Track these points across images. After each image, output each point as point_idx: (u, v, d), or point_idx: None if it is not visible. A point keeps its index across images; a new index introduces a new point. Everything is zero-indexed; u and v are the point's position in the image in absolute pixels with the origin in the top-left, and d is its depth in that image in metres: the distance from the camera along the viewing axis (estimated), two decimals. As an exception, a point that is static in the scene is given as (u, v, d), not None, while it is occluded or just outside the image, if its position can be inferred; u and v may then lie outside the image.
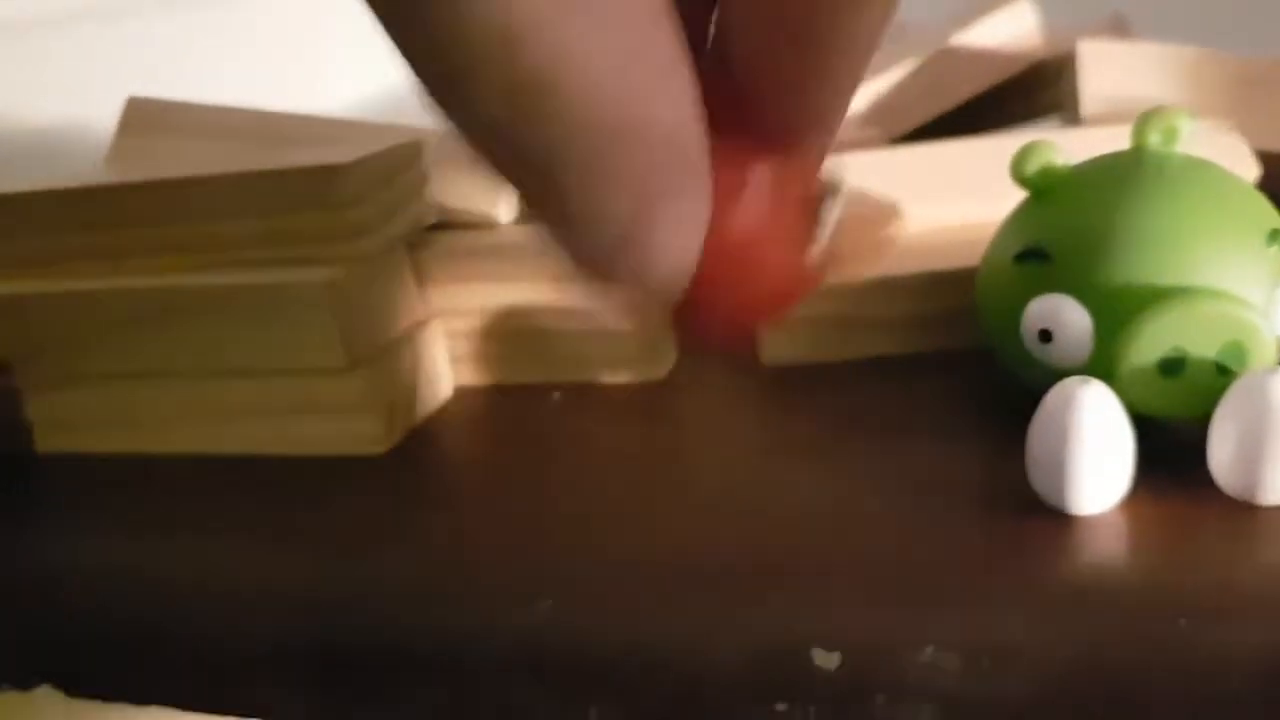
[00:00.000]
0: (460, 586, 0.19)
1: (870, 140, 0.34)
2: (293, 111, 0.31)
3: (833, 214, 0.17)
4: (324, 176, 0.24)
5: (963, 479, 0.20)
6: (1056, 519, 0.18)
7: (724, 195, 0.15)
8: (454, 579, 0.19)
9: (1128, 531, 0.18)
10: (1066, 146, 0.22)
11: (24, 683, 0.21)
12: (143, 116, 0.32)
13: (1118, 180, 0.20)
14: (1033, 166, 0.21)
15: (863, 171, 0.30)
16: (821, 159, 0.17)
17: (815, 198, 0.17)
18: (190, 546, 0.22)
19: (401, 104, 0.18)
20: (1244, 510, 0.18)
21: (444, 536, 0.21)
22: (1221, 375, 0.19)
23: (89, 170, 0.30)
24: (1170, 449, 0.19)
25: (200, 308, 0.24)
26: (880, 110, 0.38)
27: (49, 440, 0.26)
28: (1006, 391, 0.22)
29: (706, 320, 0.17)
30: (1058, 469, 0.18)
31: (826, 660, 0.17)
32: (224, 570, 0.21)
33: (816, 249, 0.17)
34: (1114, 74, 0.34)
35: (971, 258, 0.26)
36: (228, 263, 0.25)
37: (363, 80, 0.52)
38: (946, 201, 0.29)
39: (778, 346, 0.27)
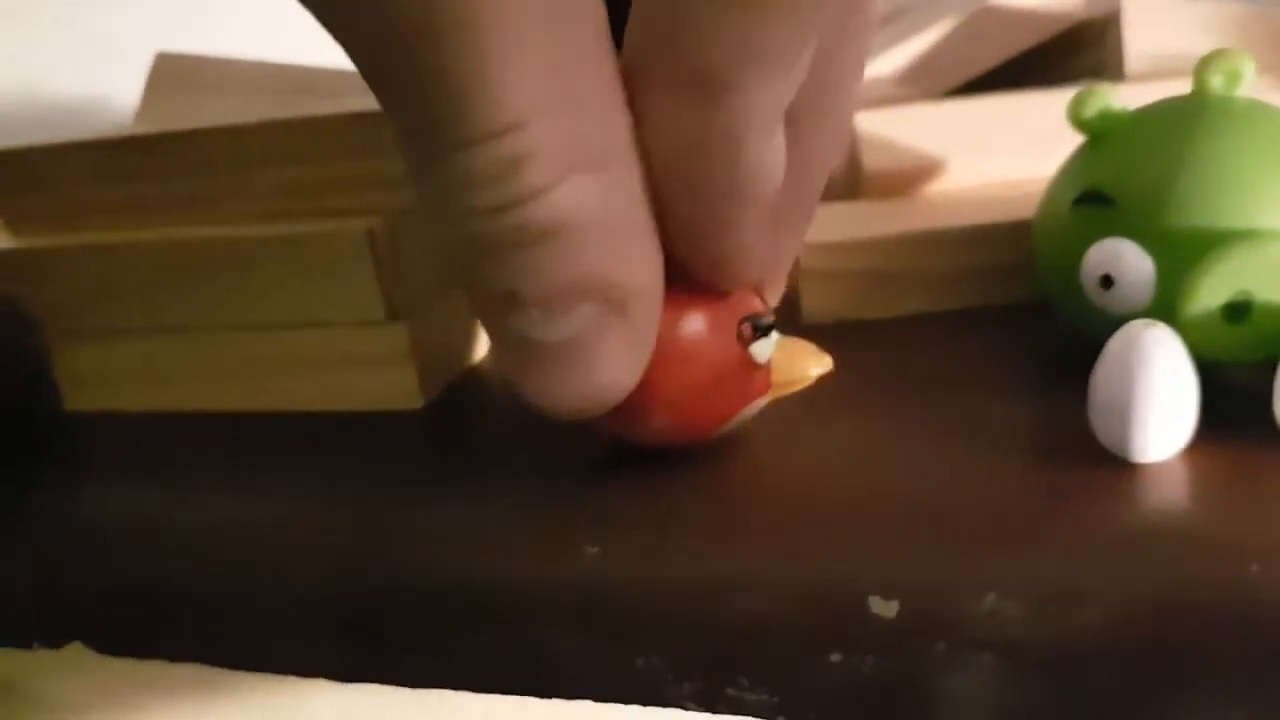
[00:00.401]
0: (508, 536, 0.19)
1: (906, 97, 0.34)
2: (323, 66, 0.30)
3: (767, 347, 0.19)
4: (360, 124, 0.23)
5: (1020, 429, 0.20)
6: (1119, 466, 0.18)
7: (666, 330, 0.17)
8: (500, 529, 0.19)
9: (1191, 478, 0.17)
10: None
11: (55, 640, 0.21)
12: (172, 72, 0.31)
13: (1180, 124, 0.20)
14: (1091, 110, 0.21)
15: (904, 125, 0.30)
16: (761, 297, 0.19)
17: (748, 333, 0.18)
18: (223, 501, 0.22)
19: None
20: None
21: (488, 488, 0.20)
22: None
23: (123, 125, 0.30)
24: (1234, 396, 0.19)
25: (234, 260, 0.24)
26: (918, 70, 0.38)
27: (80, 397, 0.26)
28: (1061, 346, 0.22)
29: (637, 430, 0.19)
30: (1122, 414, 0.17)
31: (884, 609, 0.16)
32: (259, 524, 0.21)
33: (750, 377, 0.19)
34: (1160, 31, 0.33)
35: (1017, 212, 0.25)
36: (262, 214, 0.24)
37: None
38: (992, 156, 0.28)
39: (817, 304, 0.27)
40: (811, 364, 0.20)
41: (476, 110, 0.14)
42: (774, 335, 0.19)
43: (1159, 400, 0.17)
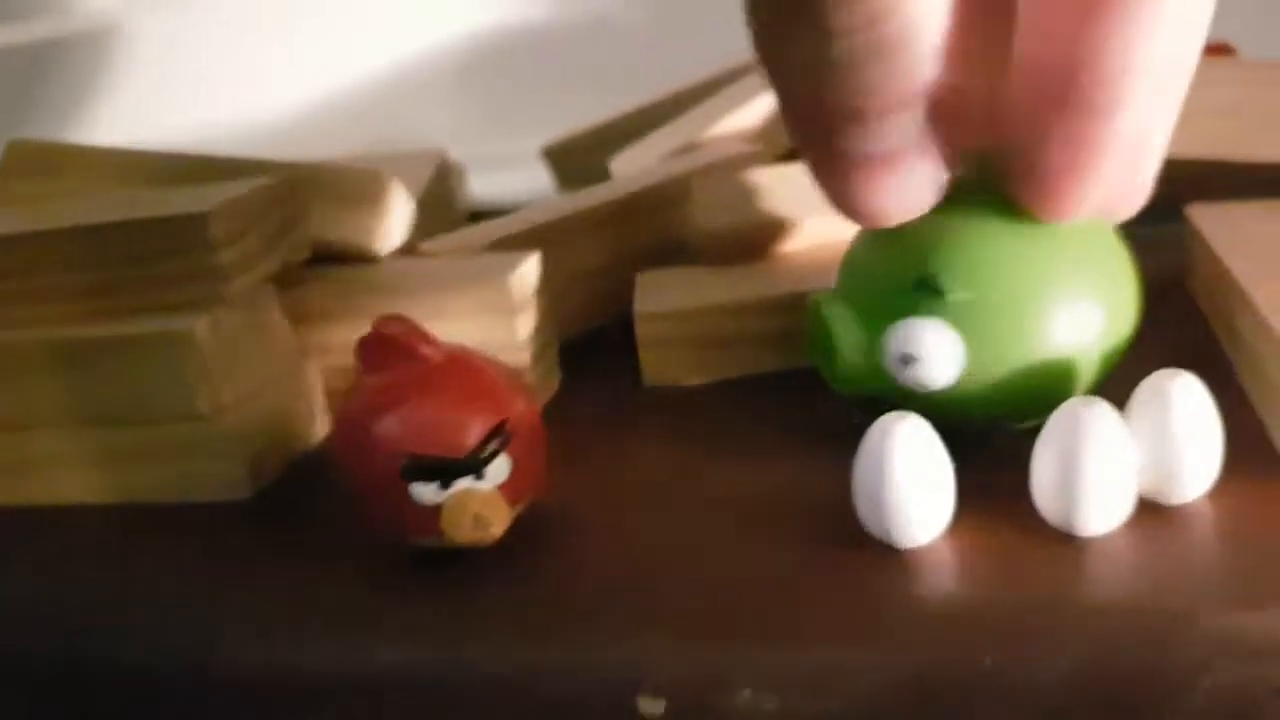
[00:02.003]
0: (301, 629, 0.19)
1: (757, 157, 0.34)
2: (176, 150, 0.31)
3: (426, 492, 0.19)
4: (187, 224, 0.24)
5: (802, 504, 0.20)
6: (881, 549, 0.18)
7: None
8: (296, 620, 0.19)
9: (949, 560, 0.18)
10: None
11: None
12: (24, 157, 0.31)
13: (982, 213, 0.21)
14: None
15: (755, 187, 0.30)
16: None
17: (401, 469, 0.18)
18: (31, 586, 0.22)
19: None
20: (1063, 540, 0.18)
21: (292, 578, 0.21)
22: None
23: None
24: (997, 471, 0.19)
25: (60, 360, 0.24)
26: (778, 124, 0.38)
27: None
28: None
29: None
30: (878, 503, 0.18)
31: (652, 707, 0.17)
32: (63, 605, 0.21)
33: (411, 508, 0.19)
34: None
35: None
36: (102, 311, 0.25)
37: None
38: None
39: (655, 371, 0.27)
40: (475, 530, 0.19)
41: None
42: (457, 484, 0.18)
43: (912, 491, 0.18)
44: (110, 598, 0.21)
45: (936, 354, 0.20)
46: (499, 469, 0.19)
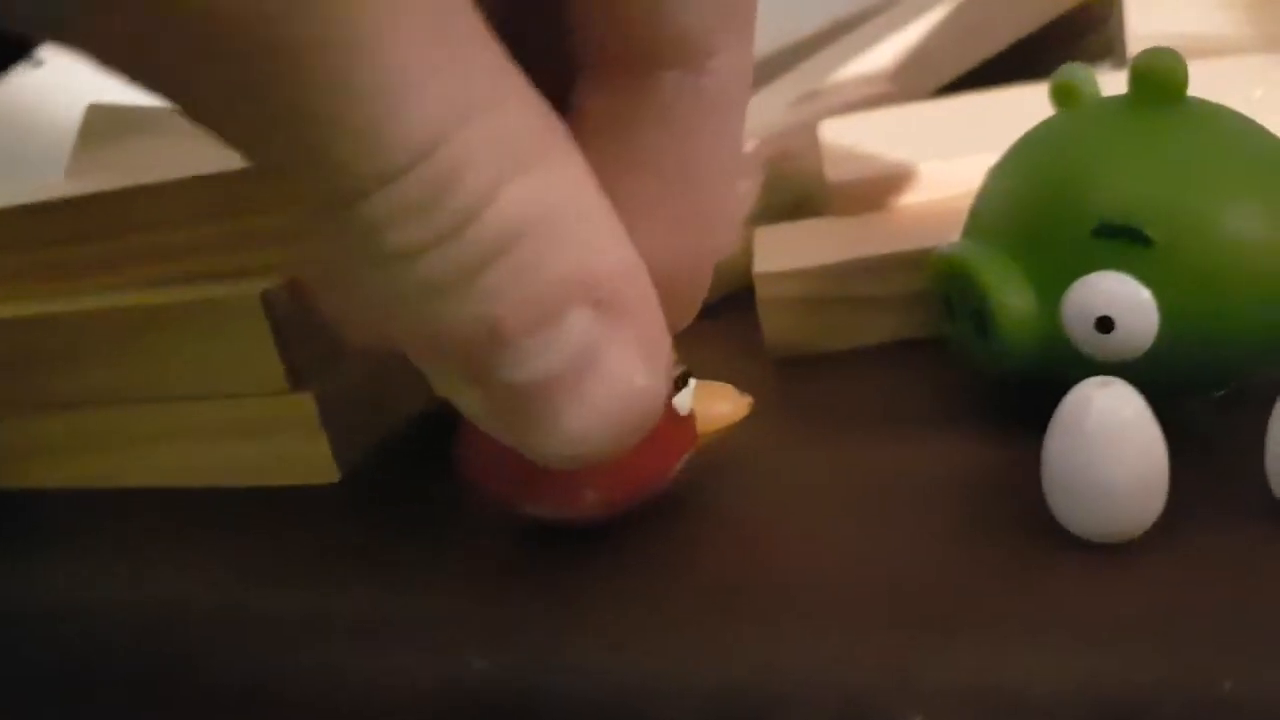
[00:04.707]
0: (391, 641, 0.17)
1: (896, 94, 0.31)
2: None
3: (688, 397, 0.17)
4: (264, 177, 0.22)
5: (973, 493, 0.17)
6: (1078, 546, 0.15)
7: None
8: (384, 632, 0.17)
9: (1169, 560, 0.15)
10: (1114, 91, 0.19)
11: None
12: (103, 122, 0.30)
13: (1197, 147, 0.17)
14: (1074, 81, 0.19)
15: (873, 131, 0.27)
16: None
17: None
18: (123, 585, 0.20)
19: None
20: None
21: (382, 580, 0.18)
22: None
23: (50, 182, 0.29)
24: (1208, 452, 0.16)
25: (129, 330, 0.22)
26: (908, 64, 0.35)
27: (6, 474, 0.24)
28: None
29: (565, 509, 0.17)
30: (1081, 490, 0.15)
31: (799, 730, 0.14)
32: (157, 610, 0.19)
33: (676, 430, 0.17)
34: (1163, 13, 0.30)
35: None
36: (181, 275, 0.23)
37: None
38: (972, 156, 0.26)
39: (777, 336, 0.24)
40: (729, 407, 0.18)
41: (391, 135, 0.12)
42: (692, 383, 0.18)
43: (1130, 475, 0.14)
44: (171, 604, 0.19)
45: (1136, 313, 0.16)
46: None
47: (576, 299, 0.13)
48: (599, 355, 0.13)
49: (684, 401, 0.17)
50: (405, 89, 0.11)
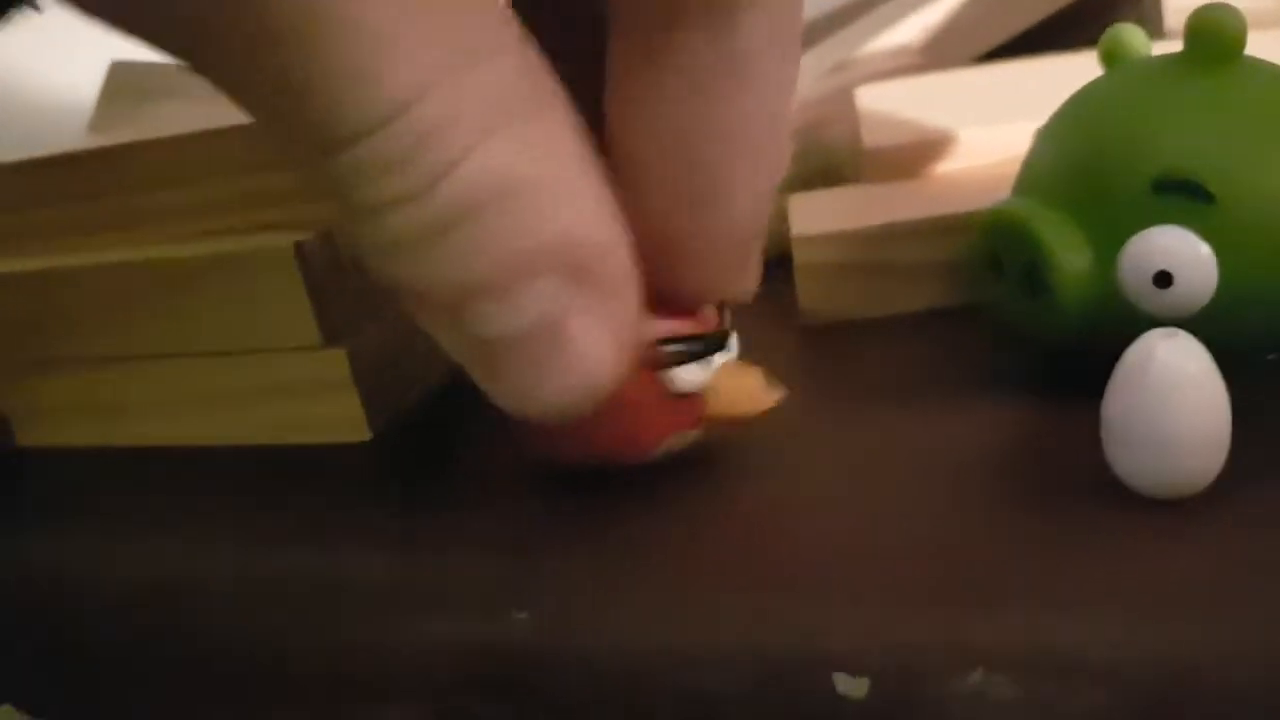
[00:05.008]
0: (430, 594, 0.16)
1: (930, 66, 0.31)
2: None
3: (691, 374, 0.17)
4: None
5: (1019, 454, 0.17)
6: (1137, 504, 0.15)
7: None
8: (424, 586, 0.17)
9: (1228, 521, 0.14)
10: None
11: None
12: (126, 80, 0.29)
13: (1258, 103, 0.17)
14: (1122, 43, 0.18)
15: (910, 98, 0.27)
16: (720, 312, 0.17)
17: (662, 358, 0.16)
18: (152, 553, 0.20)
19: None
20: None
21: (421, 535, 0.18)
22: None
23: (72, 139, 0.28)
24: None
25: (161, 284, 0.22)
26: (942, 36, 0.34)
27: (31, 433, 0.24)
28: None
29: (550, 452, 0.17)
30: (1147, 442, 0.14)
31: (853, 687, 0.14)
32: (186, 579, 0.19)
33: (668, 406, 0.17)
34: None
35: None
36: (198, 232, 0.22)
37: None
38: (1010, 124, 0.25)
39: (814, 302, 0.24)
40: (758, 397, 0.17)
41: (367, 89, 0.12)
42: (715, 360, 0.17)
43: (1193, 427, 0.14)
44: (189, 570, 0.19)
45: (1196, 270, 0.16)
46: (734, 342, 0.17)
47: (547, 266, 0.13)
48: (562, 323, 0.13)
49: (685, 378, 0.17)
50: (381, 43, 0.12)
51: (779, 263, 0.25)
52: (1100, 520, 0.15)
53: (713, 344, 0.17)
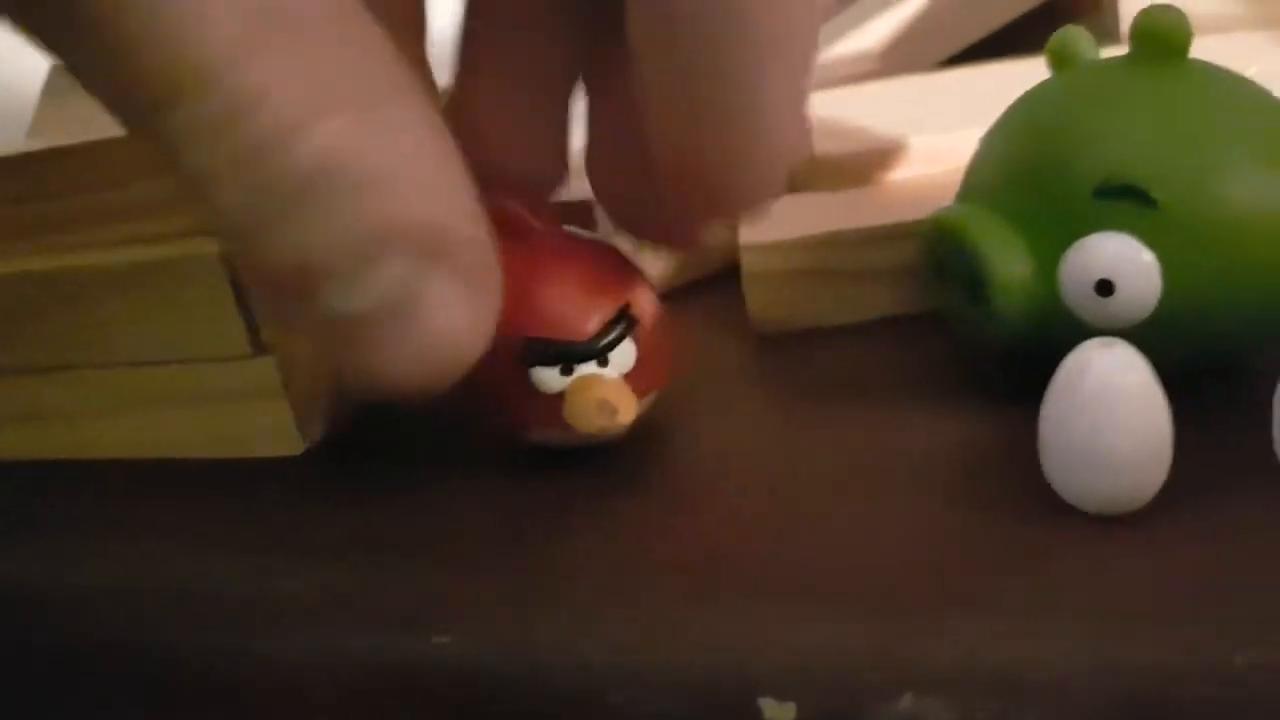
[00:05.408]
0: (346, 617, 0.16)
1: (888, 71, 0.30)
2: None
3: (548, 378, 0.17)
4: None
5: (961, 468, 0.16)
6: (1076, 519, 0.14)
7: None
8: (340, 607, 0.16)
9: (1170, 535, 0.14)
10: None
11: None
12: (67, 83, 0.28)
13: (1194, 105, 0.17)
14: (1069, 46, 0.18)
15: (861, 105, 0.26)
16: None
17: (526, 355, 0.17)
18: (89, 565, 0.19)
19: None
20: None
21: (343, 553, 0.17)
22: None
23: (7, 144, 0.27)
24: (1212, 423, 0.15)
25: (87, 292, 0.21)
26: (901, 42, 0.34)
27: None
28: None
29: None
30: (1084, 457, 0.14)
31: (779, 712, 0.13)
32: (117, 590, 0.18)
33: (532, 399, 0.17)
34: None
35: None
36: (135, 237, 0.22)
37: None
38: (956, 132, 0.25)
39: (764, 310, 0.23)
40: (605, 413, 0.17)
41: (178, 51, 0.11)
42: (578, 369, 0.17)
43: (1130, 442, 0.13)
44: (127, 579, 0.18)
45: (1138, 277, 0.16)
46: (624, 356, 0.17)
47: (394, 247, 0.13)
48: (415, 303, 0.13)
49: (543, 380, 0.17)
50: (188, 8, 0.11)
51: (728, 271, 0.24)
52: (1040, 533, 0.14)
53: (577, 353, 0.17)
